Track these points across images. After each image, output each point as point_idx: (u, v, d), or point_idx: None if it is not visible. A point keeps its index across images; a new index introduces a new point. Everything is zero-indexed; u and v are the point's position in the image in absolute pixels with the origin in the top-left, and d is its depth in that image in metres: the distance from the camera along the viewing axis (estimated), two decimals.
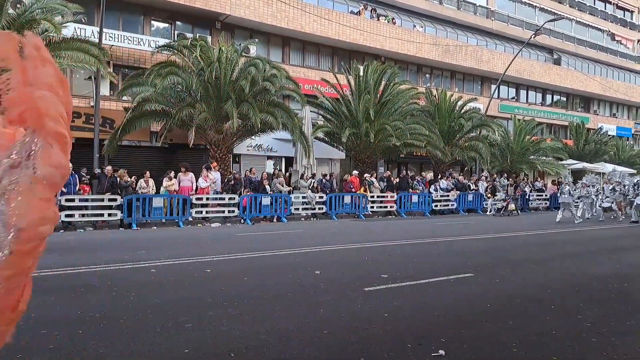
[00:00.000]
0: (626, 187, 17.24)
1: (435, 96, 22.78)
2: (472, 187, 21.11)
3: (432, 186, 20.17)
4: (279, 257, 8.58)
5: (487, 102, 25.90)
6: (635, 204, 16.36)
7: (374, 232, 12.91)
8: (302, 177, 16.99)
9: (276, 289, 6.09)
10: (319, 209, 16.28)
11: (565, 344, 4.27)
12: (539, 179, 27.41)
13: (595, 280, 6.96)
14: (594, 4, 37.45)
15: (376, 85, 19.04)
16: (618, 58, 38.99)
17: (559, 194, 17.77)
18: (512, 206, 19.16)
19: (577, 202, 17.47)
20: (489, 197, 19.91)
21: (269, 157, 20.78)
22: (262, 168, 18.62)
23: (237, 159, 19.80)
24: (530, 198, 22.37)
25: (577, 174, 24.54)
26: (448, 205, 19.58)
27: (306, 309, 5.17)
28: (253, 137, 17.72)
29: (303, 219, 16.13)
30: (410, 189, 19.37)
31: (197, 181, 14.62)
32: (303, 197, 16.13)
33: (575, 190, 17.13)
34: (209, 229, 13.50)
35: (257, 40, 19.62)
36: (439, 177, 21.04)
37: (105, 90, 18.05)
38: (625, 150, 33.31)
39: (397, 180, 19.84)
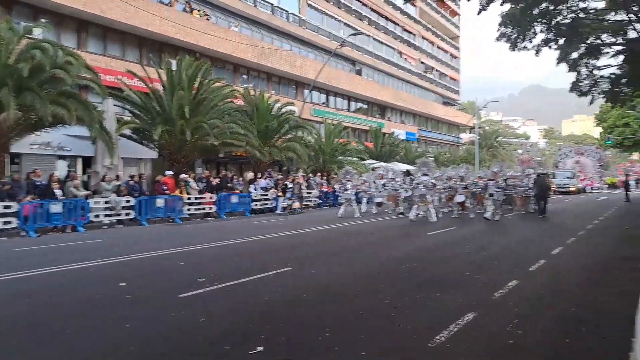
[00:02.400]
0: (398, 183, 18.11)
1: (253, 97, 22.99)
2: (289, 186, 21.91)
3: (252, 186, 20.30)
4: (72, 271, 7.30)
5: (301, 105, 27.39)
6: (402, 197, 17.65)
7: (191, 235, 12.21)
8: (104, 179, 14.95)
9: (68, 308, 5.19)
10: (126, 214, 14.62)
11: (370, 321, 4.66)
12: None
13: (391, 263, 7.84)
14: (387, 25, 43.28)
15: (191, 81, 18.09)
16: (406, 73, 45.90)
17: (342, 191, 18.35)
18: (296, 204, 19.07)
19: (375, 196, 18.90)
20: (280, 196, 19.46)
21: (61, 157, 17.65)
22: (51, 170, 15.71)
23: (16, 160, 16.29)
24: (339, 195, 24.38)
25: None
26: (267, 204, 19.94)
27: (109, 324, 4.54)
28: (38, 132, 14.81)
29: (106, 227, 14.22)
30: (230, 190, 19.08)
31: None
32: (106, 202, 14.23)
33: (354, 185, 17.99)
34: None
35: (45, 20, 16.61)
36: (259, 176, 21.28)
37: None
38: (412, 151, 39.29)
39: (218, 180, 19.29)
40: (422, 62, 49.62)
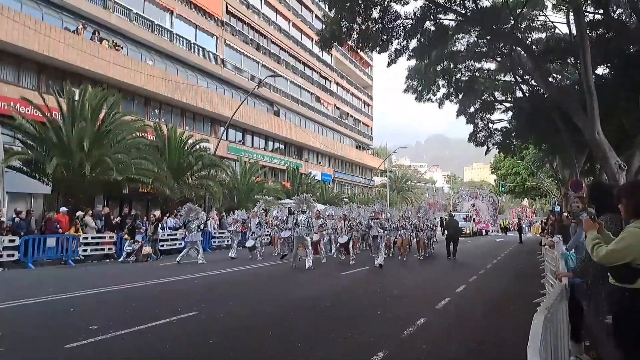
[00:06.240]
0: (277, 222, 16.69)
1: (164, 132, 22.06)
2: (138, 227, 20.61)
3: (159, 225, 19.08)
4: None
5: (217, 142, 26.85)
6: (282, 239, 15.88)
7: (85, 278, 11.01)
8: None
9: None
10: (9, 255, 12.85)
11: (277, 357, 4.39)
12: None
13: (304, 303, 7.64)
14: (304, 70, 44.79)
15: (95, 112, 16.89)
16: (322, 117, 47.40)
17: (187, 233, 15.01)
18: (147, 249, 15.44)
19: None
20: (127, 239, 15.53)
21: None
22: None
23: None
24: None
25: None
26: (176, 244, 18.78)
27: None
28: None
29: None
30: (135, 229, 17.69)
31: None
32: None
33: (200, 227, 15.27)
34: None
35: None
36: (167, 215, 20.11)
37: None
38: (327, 192, 40.09)
39: (119, 218, 17.85)
40: (337, 108, 51.74)
